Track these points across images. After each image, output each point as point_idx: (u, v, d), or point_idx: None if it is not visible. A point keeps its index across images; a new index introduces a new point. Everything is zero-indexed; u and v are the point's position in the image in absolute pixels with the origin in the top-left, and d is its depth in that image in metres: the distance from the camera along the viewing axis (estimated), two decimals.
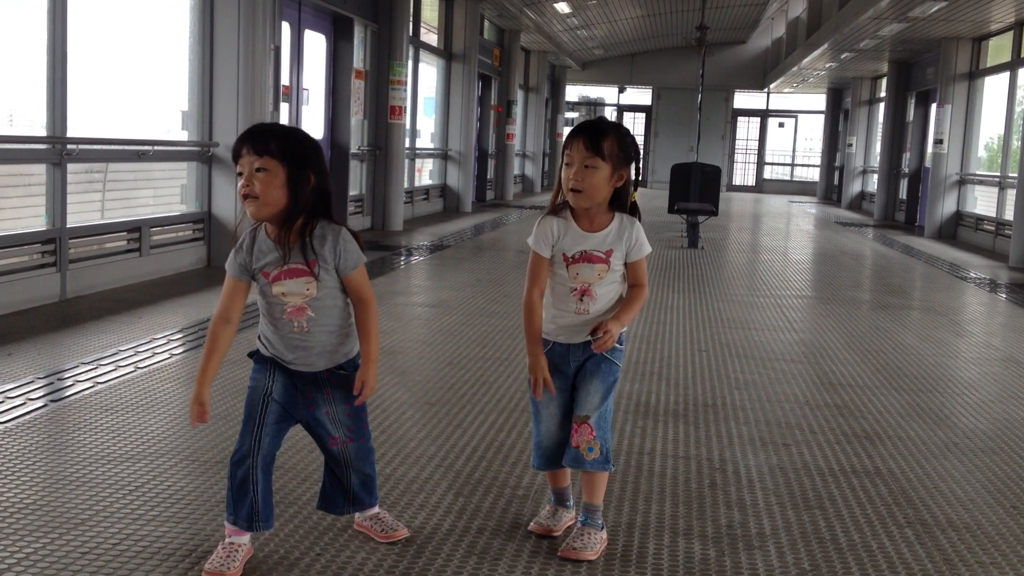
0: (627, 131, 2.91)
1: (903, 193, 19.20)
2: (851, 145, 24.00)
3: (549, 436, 2.94)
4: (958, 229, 15.27)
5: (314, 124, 11.32)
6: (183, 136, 8.58)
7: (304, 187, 2.62)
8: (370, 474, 2.87)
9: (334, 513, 2.93)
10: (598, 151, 2.79)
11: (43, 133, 6.66)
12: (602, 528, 2.94)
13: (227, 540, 2.72)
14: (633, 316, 2.89)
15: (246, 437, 2.70)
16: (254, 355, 2.77)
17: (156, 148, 7.93)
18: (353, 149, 12.02)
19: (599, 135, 2.81)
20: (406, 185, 13.76)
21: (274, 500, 2.82)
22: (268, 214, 2.62)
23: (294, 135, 2.68)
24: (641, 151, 3.04)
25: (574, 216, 2.87)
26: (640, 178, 2.96)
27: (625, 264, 2.89)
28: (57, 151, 6.61)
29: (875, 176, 21.23)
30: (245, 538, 2.73)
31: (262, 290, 2.69)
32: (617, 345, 2.86)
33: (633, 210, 2.92)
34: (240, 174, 2.61)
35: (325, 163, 2.70)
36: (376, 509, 2.95)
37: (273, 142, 2.60)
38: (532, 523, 3.03)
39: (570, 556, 2.84)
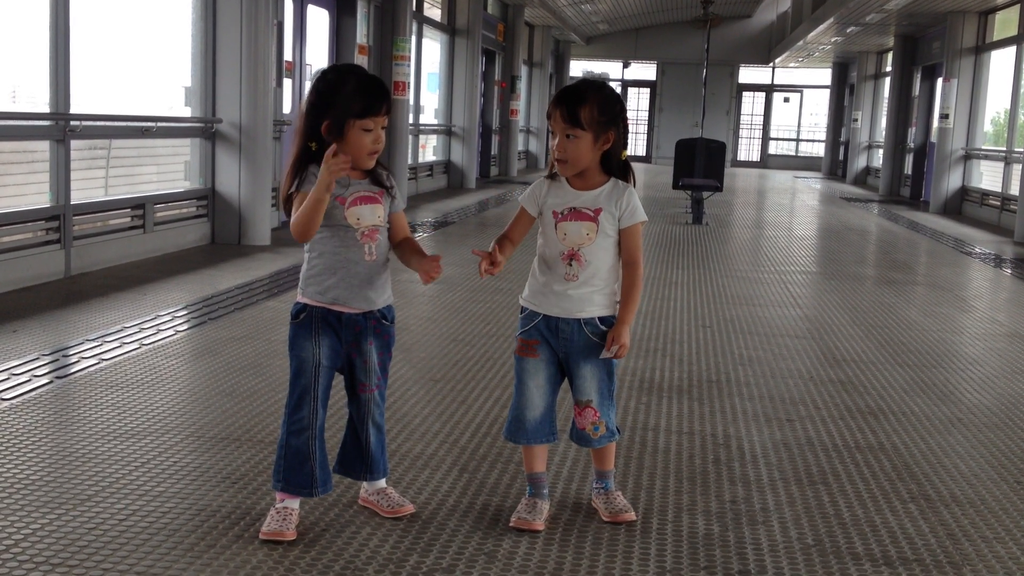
0: (608, 91, 2.86)
1: (908, 168, 19.13)
2: (856, 120, 23.89)
3: (532, 408, 2.91)
4: (963, 204, 15.23)
5: None
6: (186, 112, 8.56)
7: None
8: (382, 425, 2.91)
9: (351, 477, 2.97)
10: (576, 122, 2.79)
11: (46, 110, 6.65)
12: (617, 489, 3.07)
13: (280, 504, 2.79)
14: (635, 308, 2.88)
15: (304, 409, 2.77)
16: (299, 314, 2.78)
17: (159, 124, 7.91)
18: None
19: (576, 105, 2.79)
20: (410, 161, 13.72)
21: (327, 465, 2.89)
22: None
23: None
24: (626, 107, 2.99)
25: (569, 178, 2.90)
26: (627, 133, 2.93)
27: (619, 234, 2.88)
28: (60, 128, 6.60)
29: (880, 151, 21.15)
30: (296, 503, 2.81)
31: (332, 213, 2.72)
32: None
33: (625, 168, 2.90)
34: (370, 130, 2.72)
35: None
36: (383, 483, 2.97)
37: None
38: (513, 518, 2.90)
39: (619, 520, 2.93)
